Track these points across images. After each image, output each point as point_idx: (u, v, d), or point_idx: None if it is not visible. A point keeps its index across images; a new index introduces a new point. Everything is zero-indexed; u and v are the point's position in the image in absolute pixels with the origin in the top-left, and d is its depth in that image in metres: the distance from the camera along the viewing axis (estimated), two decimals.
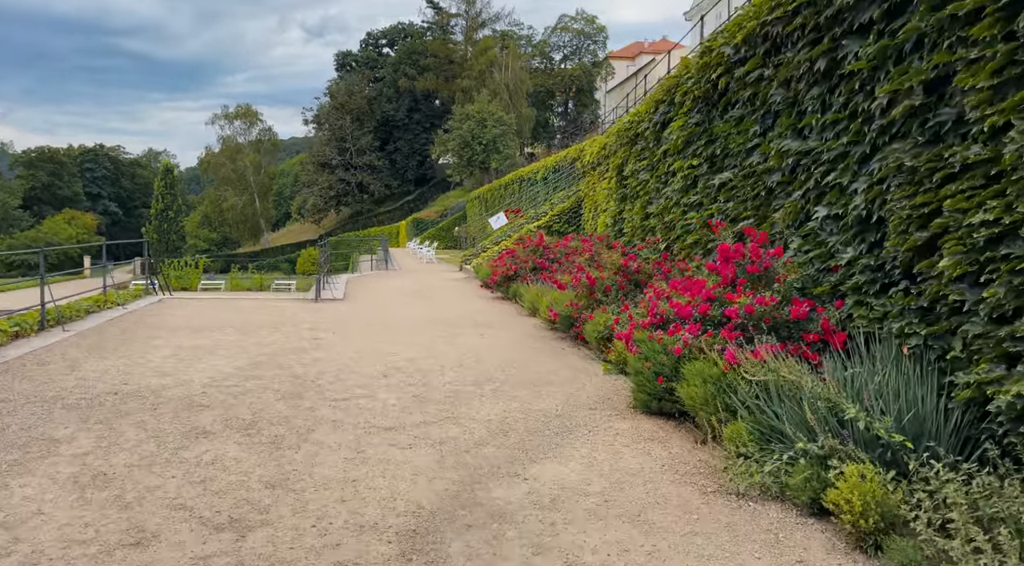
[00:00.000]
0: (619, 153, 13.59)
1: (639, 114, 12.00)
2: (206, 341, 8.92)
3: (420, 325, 10.63)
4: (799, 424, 4.10)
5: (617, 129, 14.00)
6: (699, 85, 8.41)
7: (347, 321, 10.96)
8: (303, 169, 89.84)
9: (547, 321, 10.27)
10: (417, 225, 61.83)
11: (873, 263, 4.79)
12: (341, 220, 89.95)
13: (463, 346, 8.86)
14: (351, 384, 6.75)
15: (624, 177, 13.33)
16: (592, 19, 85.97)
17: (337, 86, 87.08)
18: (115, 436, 5.10)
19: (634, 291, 8.57)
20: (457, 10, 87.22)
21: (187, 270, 42.58)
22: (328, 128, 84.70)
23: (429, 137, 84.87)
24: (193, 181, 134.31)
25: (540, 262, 14.22)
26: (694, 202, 8.75)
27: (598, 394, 6.46)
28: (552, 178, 29.88)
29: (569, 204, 20.91)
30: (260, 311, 12.01)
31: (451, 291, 16.52)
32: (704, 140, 8.36)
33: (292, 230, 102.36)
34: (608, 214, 15.35)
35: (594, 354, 8.25)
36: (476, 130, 55.51)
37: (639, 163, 11.86)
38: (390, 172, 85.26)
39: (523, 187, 35.48)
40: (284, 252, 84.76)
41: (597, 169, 17.36)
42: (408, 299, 14.53)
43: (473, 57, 78.08)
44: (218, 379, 6.88)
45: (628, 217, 12.81)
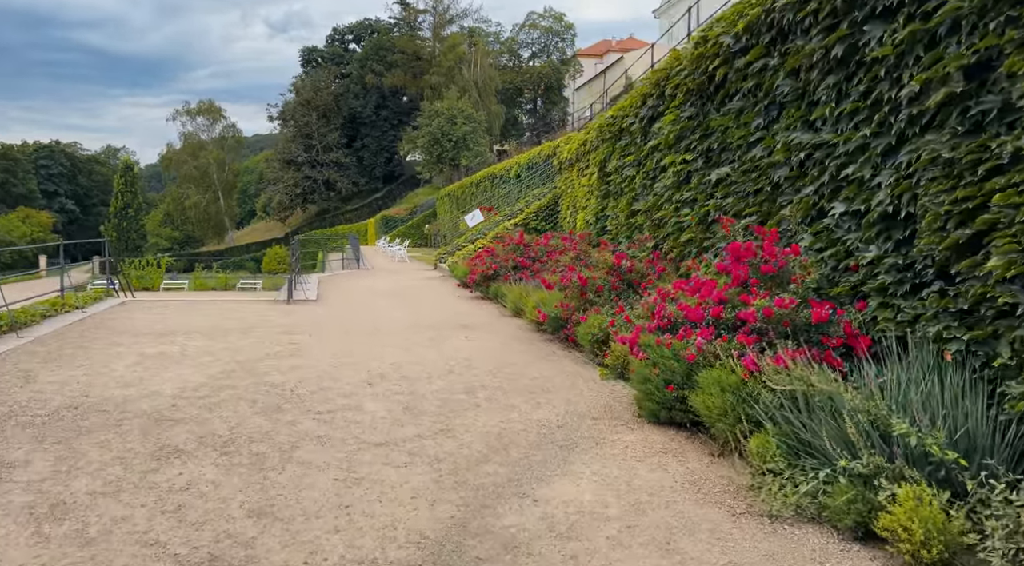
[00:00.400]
0: (601, 149, 13.26)
1: (623, 109, 11.67)
2: (173, 347, 8.37)
3: (401, 327, 10.18)
4: (836, 439, 3.77)
5: (598, 125, 13.68)
6: (693, 77, 8.09)
7: (323, 324, 10.46)
8: (268, 166, 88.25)
9: (533, 322, 9.89)
10: (386, 223, 61.07)
11: (901, 262, 4.50)
12: (308, 218, 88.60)
13: (449, 350, 8.44)
14: (334, 394, 6.29)
15: (607, 174, 13.00)
16: (560, 16, 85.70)
17: (303, 82, 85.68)
18: (76, 458, 4.60)
19: (627, 291, 8.24)
20: (425, 6, 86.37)
21: (149, 269, 41.33)
22: (294, 125, 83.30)
23: (397, 134, 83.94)
24: (154, 178, 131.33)
25: (521, 261, 13.84)
26: (687, 198, 8.43)
27: (599, 402, 6.10)
28: (525, 176, 29.53)
29: (546, 201, 20.57)
30: (229, 314, 11.44)
31: (428, 291, 16.06)
32: (699, 134, 8.05)
33: (257, 228, 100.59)
34: (588, 211, 15.03)
35: (587, 357, 7.89)
36: (446, 127, 54.92)
37: (624, 159, 11.53)
38: (358, 169, 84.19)
39: (495, 184, 35.08)
40: (249, 251, 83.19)
41: (575, 166, 17.03)
42: (385, 299, 14.04)
43: (441, 53, 77.40)
44: (188, 389, 6.37)
45: (612, 214, 12.49)
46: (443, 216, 51.06)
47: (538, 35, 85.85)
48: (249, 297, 17.05)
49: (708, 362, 4.97)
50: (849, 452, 3.68)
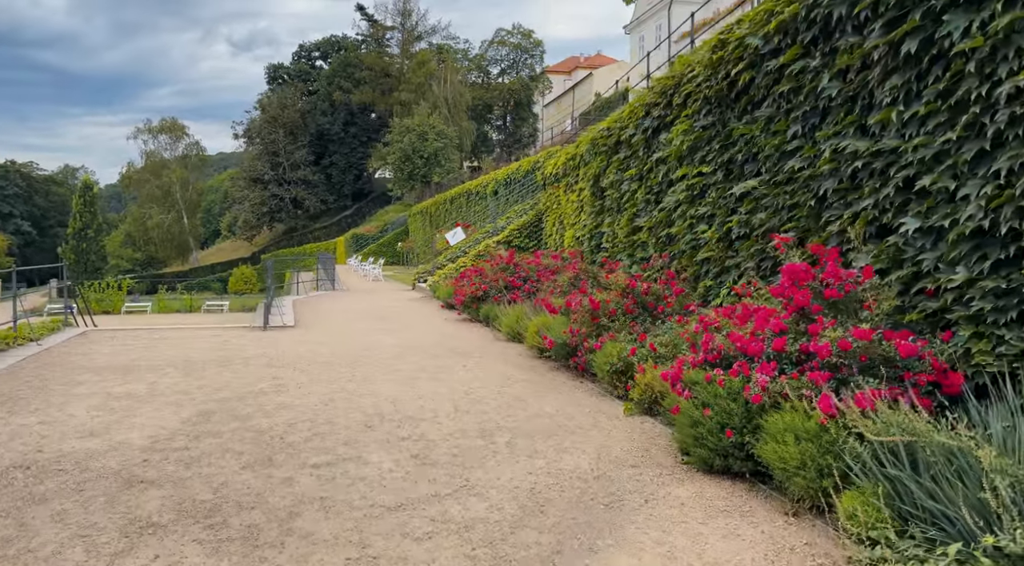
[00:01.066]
0: (595, 163, 12.68)
1: (620, 120, 11.11)
2: (141, 385, 7.49)
3: (391, 355, 9.40)
4: (963, 503, 3.13)
5: (591, 137, 13.10)
6: (710, 83, 7.52)
7: (306, 354, 9.64)
8: (234, 184, 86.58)
9: (535, 348, 9.19)
10: (357, 241, 60.00)
11: (1003, 286, 3.91)
12: (275, 237, 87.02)
13: (449, 382, 7.69)
14: (331, 440, 5.51)
15: (602, 188, 12.41)
16: (529, 33, 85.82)
17: (269, 99, 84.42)
18: (26, 537, 3.77)
19: (643, 315, 7.58)
20: (392, 23, 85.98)
21: (109, 292, 39.83)
22: (260, 142, 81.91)
23: (366, 151, 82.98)
24: (114, 198, 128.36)
25: (511, 281, 13.15)
26: (704, 214, 7.84)
27: (633, 444, 5.41)
28: (503, 192, 28.94)
29: (529, 218, 19.96)
30: (201, 343, 10.55)
31: (412, 313, 15.27)
32: (718, 144, 7.47)
33: (223, 248, 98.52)
34: (579, 228, 14.42)
35: (603, 389, 7.21)
36: (417, 143, 54.25)
37: (623, 173, 10.95)
38: (326, 187, 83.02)
39: (471, 201, 34.44)
40: (215, 271, 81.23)
41: (562, 181, 16.44)
42: (368, 324, 13.23)
43: (411, 70, 76.91)
44: (162, 439, 5.54)
45: (609, 231, 11.88)
46: (416, 233, 50.24)
47: (507, 52, 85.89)
48: (219, 321, 16.09)
49: (774, 403, 4.32)
50: (984, 521, 3.05)
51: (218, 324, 13.39)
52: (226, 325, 13.19)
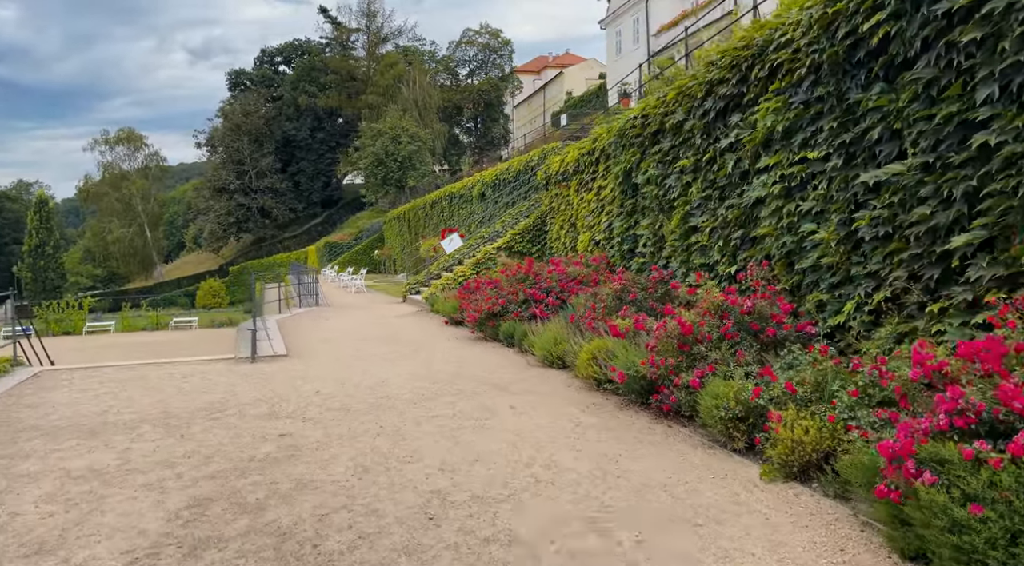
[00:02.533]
0: (624, 157, 11.16)
1: (663, 104, 9.60)
2: (109, 455, 5.77)
3: (416, 393, 7.76)
4: None
5: (616, 128, 11.58)
6: (818, 47, 6.03)
7: (312, 396, 7.95)
8: (197, 195, 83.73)
9: (589, 379, 7.63)
10: (330, 249, 57.93)
11: None
12: (243, 248, 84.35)
13: (503, 432, 6.09)
14: (385, 549, 3.88)
15: (636, 185, 10.90)
16: (496, 33, 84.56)
17: (231, 106, 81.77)
18: None
19: (746, 340, 6.06)
20: (357, 25, 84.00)
21: (69, 311, 37.30)
22: (223, 151, 79.27)
23: (335, 157, 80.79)
24: (71, 213, 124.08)
25: (532, 293, 11.58)
26: (809, 210, 6.35)
27: (814, 539, 3.87)
28: (491, 194, 27.37)
29: (531, 221, 18.40)
30: (182, 384, 8.79)
31: (415, 332, 13.60)
32: (832, 122, 5.97)
33: (188, 261, 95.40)
34: (598, 230, 12.91)
35: (710, 437, 5.67)
36: (390, 147, 52.39)
37: (670, 165, 9.44)
38: (294, 195, 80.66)
39: (454, 205, 32.80)
40: (181, 285, 78.41)
41: (573, 180, 14.92)
42: (372, 348, 11.54)
43: (378, 73, 75.05)
44: (142, 557, 3.87)
45: (647, 233, 10.39)
46: (392, 240, 48.39)
47: (475, 52, 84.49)
48: (194, 341, 14.30)
49: None
50: None
51: (196, 355, 11.59)
52: (206, 356, 11.40)
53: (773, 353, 5.90)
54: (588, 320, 8.96)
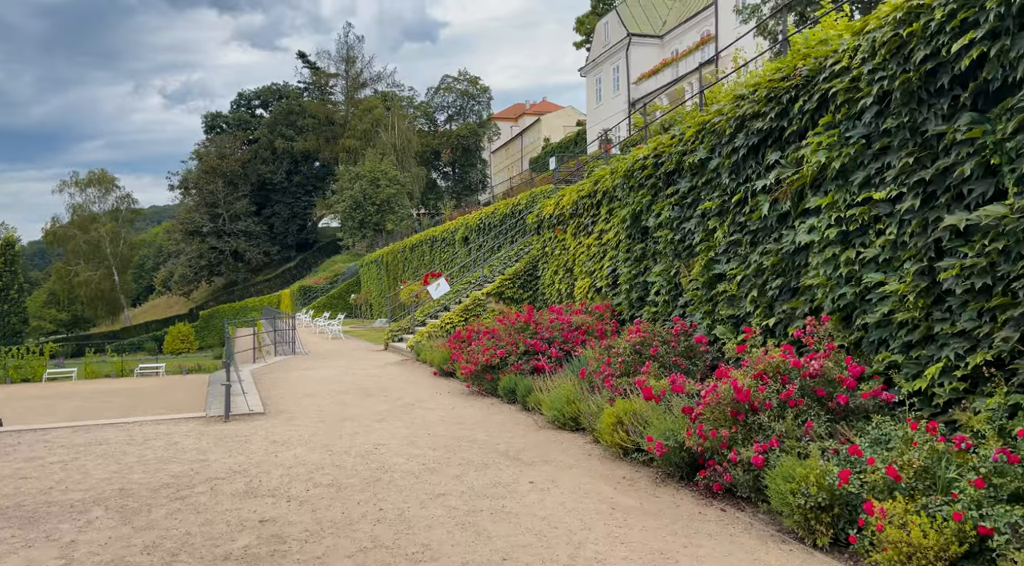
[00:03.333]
0: (631, 200, 10.45)
1: (681, 142, 8.92)
2: (49, 552, 4.69)
3: (420, 466, 6.76)
4: None
5: (623, 168, 10.90)
6: (884, 74, 5.36)
7: (297, 467, 6.91)
8: (169, 238, 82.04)
9: (615, 447, 6.71)
10: (304, 293, 56.60)
11: None
12: (214, 291, 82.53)
13: (526, 519, 5.13)
14: None
15: (646, 229, 10.17)
16: (475, 80, 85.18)
17: (207, 149, 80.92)
18: None
19: (815, 409, 5.20)
20: (336, 70, 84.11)
21: (29, 357, 35.58)
22: (197, 193, 78.09)
23: (311, 200, 79.95)
24: (37, 255, 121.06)
25: (534, 344, 10.68)
26: (874, 258, 5.59)
27: None
28: (476, 238, 26.61)
29: (522, 266, 17.59)
30: (142, 450, 7.70)
31: (404, 384, 12.57)
32: (905, 158, 5.26)
33: (157, 305, 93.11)
34: (600, 277, 12.15)
35: (780, 529, 4.76)
36: (368, 190, 51.67)
37: (691, 208, 8.73)
38: (268, 238, 79.41)
39: (436, 248, 31.98)
40: (148, 330, 76.14)
41: (570, 223, 14.20)
42: (361, 404, 10.50)
43: (356, 117, 74.84)
44: None
45: (661, 281, 9.61)
46: (369, 284, 47.32)
47: (454, 98, 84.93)
48: (160, 388, 13.11)
49: None
50: None
51: (162, 413, 10.45)
52: (173, 414, 10.27)
53: (844, 424, 5.06)
54: (604, 377, 8.08)
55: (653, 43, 46.37)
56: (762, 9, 25.08)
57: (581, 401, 7.97)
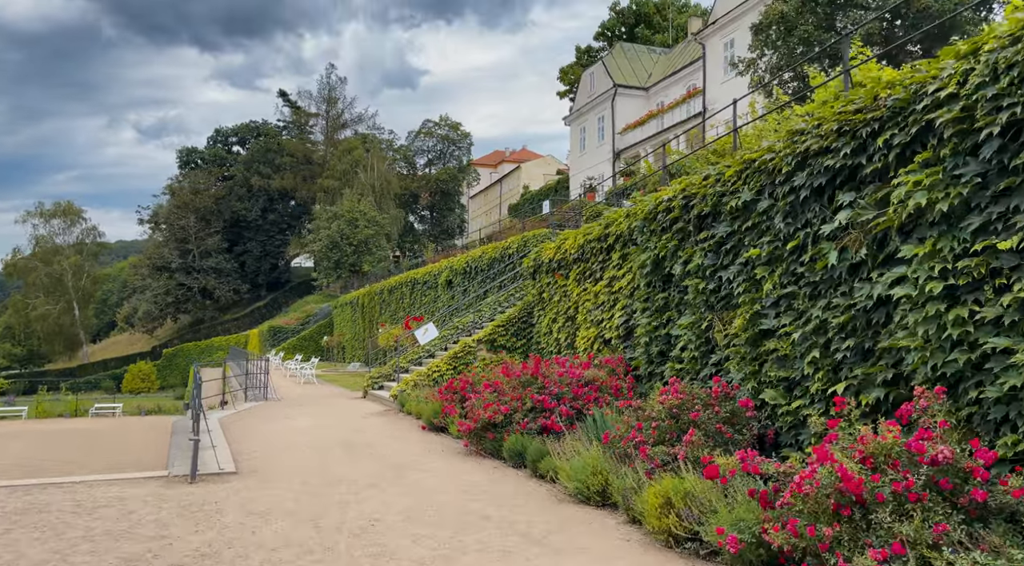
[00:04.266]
0: (655, 244, 9.58)
1: (719, 183, 8.10)
2: None
3: (431, 552, 5.60)
4: None
5: (642, 211, 10.07)
6: (1013, 99, 4.56)
7: (282, 550, 5.72)
8: (135, 273, 79.66)
9: (662, 532, 5.64)
10: (275, 334, 54.76)
11: None
12: (179, 329, 79.99)
13: None
14: None
15: (670, 277, 9.28)
16: (456, 125, 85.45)
17: (180, 184, 79.43)
18: None
19: (941, 505, 4.21)
20: (317, 109, 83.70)
21: None
22: (167, 228, 76.23)
23: (285, 238, 78.53)
24: None
25: (543, 400, 9.62)
26: (996, 319, 4.70)
27: None
28: (460, 282, 25.61)
29: (515, 312, 16.59)
30: (88, 522, 6.43)
31: (392, 440, 11.36)
32: None
33: (118, 341, 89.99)
34: (610, 328, 11.22)
35: None
36: (346, 230, 50.58)
37: (726, 256, 7.85)
38: (239, 275, 77.54)
39: (416, 292, 30.88)
40: (107, 367, 73.31)
41: (575, 268, 13.31)
42: (347, 463, 9.29)
43: (335, 157, 74.14)
44: None
45: (686, 335, 8.74)
46: (343, 326, 45.87)
47: (434, 142, 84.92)
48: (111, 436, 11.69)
49: None
50: None
51: (118, 473, 9.11)
52: (131, 473, 8.95)
53: (982, 526, 4.08)
54: (636, 444, 7.05)
55: (639, 95, 46.54)
56: (758, 63, 24.95)
57: (610, 472, 6.90)
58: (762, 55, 24.76)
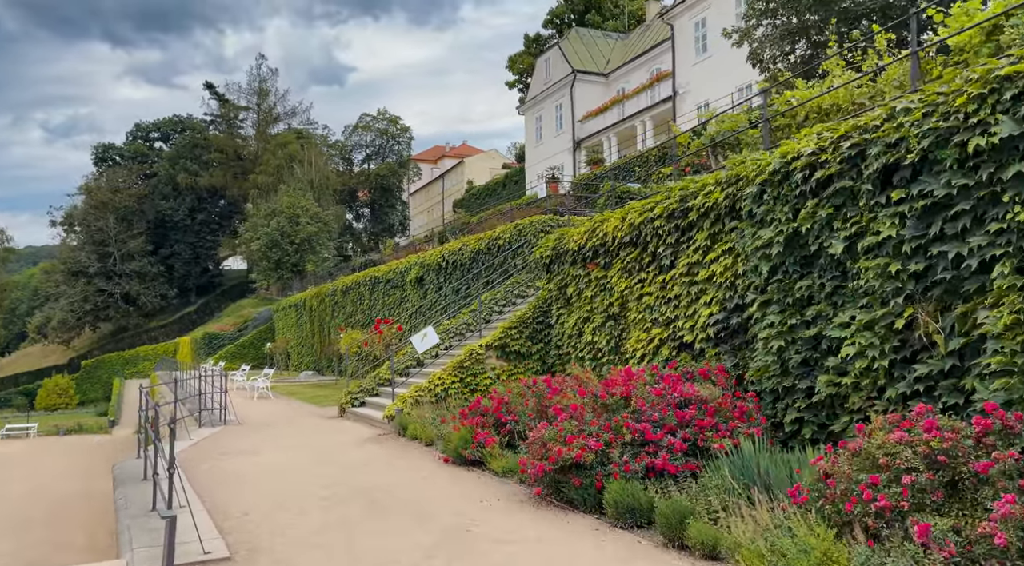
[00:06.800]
0: (789, 214, 7.19)
1: (935, 115, 5.75)
2: None
3: None
4: None
5: (756, 171, 7.68)
6: None
7: None
8: (47, 279, 73.16)
9: None
10: (210, 341, 50.52)
11: None
12: (100, 339, 73.94)
13: None
14: None
15: (816, 257, 6.92)
16: (395, 119, 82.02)
17: (96, 182, 73.29)
18: None
19: None
20: (247, 103, 78.77)
21: None
22: (83, 231, 70.13)
23: (216, 239, 73.55)
24: None
25: (642, 429, 7.09)
26: None
27: None
28: (434, 279, 22.83)
29: (529, 311, 14.00)
30: None
31: (422, 484, 8.60)
32: None
33: (30, 353, 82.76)
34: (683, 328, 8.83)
35: None
36: (287, 227, 46.80)
37: (945, 224, 5.50)
38: (166, 280, 72.15)
39: (378, 291, 27.90)
40: (18, 382, 66.98)
41: (622, 256, 10.87)
42: (378, 529, 6.54)
43: (269, 152, 69.69)
44: None
45: (862, 337, 6.38)
46: (287, 331, 42.24)
47: (372, 137, 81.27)
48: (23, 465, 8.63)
49: None
50: None
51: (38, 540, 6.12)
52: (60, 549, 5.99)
53: None
54: (883, 512, 4.61)
55: (598, 81, 44.48)
56: (753, 34, 23.03)
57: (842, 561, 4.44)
58: (758, 25, 22.81)
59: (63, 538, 12.26)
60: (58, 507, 14.97)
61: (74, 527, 13.13)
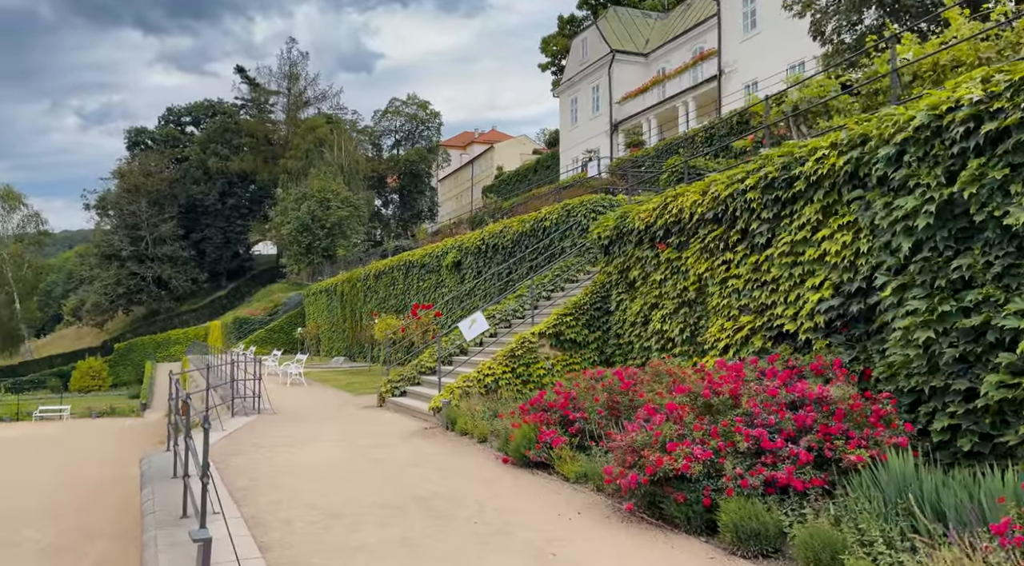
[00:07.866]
0: (942, 178, 5.93)
1: None
2: None
3: None
4: None
5: (885, 131, 6.41)
6: None
7: None
8: (82, 263, 73.52)
9: None
10: (240, 326, 50.01)
11: None
12: (132, 322, 74.21)
13: None
14: None
15: (979, 230, 5.64)
16: (425, 104, 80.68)
17: (129, 166, 73.23)
18: None
19: None
20: (278, 87, 78.17)
21: None
22: (116, 214, 70.23)
23: (247, 224, 73.28)
24: None
25: (757, 435, 5.91)
26: None
27: None
28: (472, 263, 21.73)
29: (585, 297, 12.85)
30: None
31: (483, 489, 7.53)
32: None
33: (65, 335, 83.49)
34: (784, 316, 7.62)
35: None
36: (317, 211, 46.04)
37: None
38: (197, 264, 72.04)
39: (412, 276, 26.92)
40: (53, 364, 67.32)
41: (701, 235, 9.66)
42: (442, 547, 5.49)
43: (299, 136, 68.98)
44: None
45: None
46: (318, 317, 41.54)
47: (402, 122, 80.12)
48: (56, 446, 7.76)
49: None
50: None
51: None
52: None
53: None
54: None
55: (638, 61, 42.91)
56: (817, 3, 21.50)
57: None
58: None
59: (94, 526, 11.42)
60: (89, 493, 14.23)
61: (104, 515, 12.28)
